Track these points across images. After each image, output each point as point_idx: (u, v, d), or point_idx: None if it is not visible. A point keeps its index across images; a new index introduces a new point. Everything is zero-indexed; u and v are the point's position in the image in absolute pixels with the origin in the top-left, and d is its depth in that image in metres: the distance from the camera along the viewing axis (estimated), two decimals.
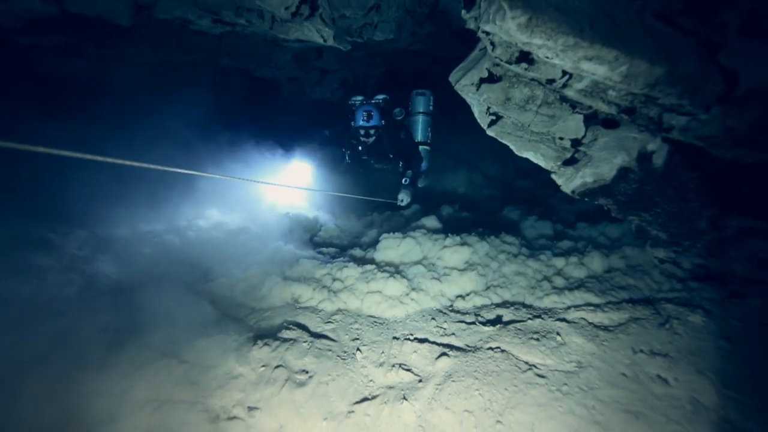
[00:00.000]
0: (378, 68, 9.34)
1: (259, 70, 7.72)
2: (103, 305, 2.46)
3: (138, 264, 2.97)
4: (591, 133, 3.07)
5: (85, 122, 4.83)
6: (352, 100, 5.12)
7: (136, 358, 2.14)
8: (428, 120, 5.42)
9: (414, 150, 5.02)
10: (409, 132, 5.18)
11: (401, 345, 2.41)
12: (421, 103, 5.38)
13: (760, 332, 2.44)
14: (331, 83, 9.23)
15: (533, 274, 3.07)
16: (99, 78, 6.29)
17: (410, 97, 5.47)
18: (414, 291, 2.88)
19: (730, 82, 2.48)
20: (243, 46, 6.63)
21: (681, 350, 2.30)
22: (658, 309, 2.65)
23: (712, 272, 3.09)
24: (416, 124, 5.37)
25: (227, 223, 4.19)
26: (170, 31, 5.43)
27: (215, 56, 7.11)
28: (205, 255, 3.27)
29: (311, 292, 2.83)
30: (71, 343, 2.15)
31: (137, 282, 2.70)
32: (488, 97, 3.23)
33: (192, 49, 6.58)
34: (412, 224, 4.19)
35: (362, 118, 4.62)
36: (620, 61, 2.35)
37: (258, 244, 3.54)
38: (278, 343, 2.32)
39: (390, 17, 4.82)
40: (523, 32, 2.37)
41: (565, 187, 3.14)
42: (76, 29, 4.71)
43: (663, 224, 3.04)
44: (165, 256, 3.19)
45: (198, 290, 2.89)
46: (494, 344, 2.39)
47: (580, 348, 2.35)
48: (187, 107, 6.11)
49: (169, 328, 2.35)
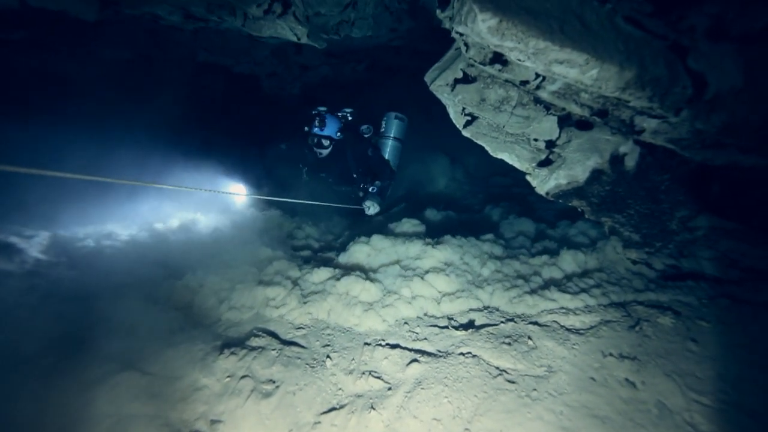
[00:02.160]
0: (359, 63, 9.26)
1: (237, 66, 7.57)
2: (60, 312, 2.36)
3: (99, 268, 2.85)
4: (565, 135, 3.07)
5: (50, 120, 4.65)
6: (316, 110, 4.59)
7: (95, 371, 2.06)
8: (399, 147, 4.95)
9: (384, 166, 4.61)
10: (378, 150, 4.73)
11: (372, 351, 2.38)
12: (396, 127, 4.90)
13: (727, 332, 2.47)
14: (312, 78, 9.13)
15: (509, 278, 3.06)
16: (69, 74, 6.09)
17: (385, 117, 4.98)
18: (388, 295, 2.85)
19: (699, 86, 2.49)
20: (219, 41, 6.48)
21: (649, 353, 2.32)
22: (629, 311, 2.67)
23: (684, 272, 3.13)
24: (385, 149, 4.88)
25: (198, 223, 4.09)
26: (142, 27, 5.28)
27: (192, 52, 6.95)
28: (174, 257, 3.17)
29: (284, 296, 2.78)
30: (21, 356, 2.05)
31: (98, 287, 2.60)
32: (463, 98, 3.20)
33: (166, 44, 6.41)
34: (391, 225, 4.15)
35: (315, 125, 4.21)
36: (591, 64, 2.34)
37: (230, 245, 3.44)
38: (246, 352, 2.26)
39: (367, 14, 4.75)
40: (494, 35, 2.34)
41: (539, 189, 3.14)
42: (40, 24, 4.53)
43: (635, 225, 3.07)
44: (128, 258, 3.07)
45: (164, 295, 2.80)
46: (466, 349, 2.38)
47: (551, 352, 2.35)
48: (161, 104, 5.95)
49: (133, 337, 2.27)
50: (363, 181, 4.48)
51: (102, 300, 2.48)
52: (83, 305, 2.46)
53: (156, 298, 2.69)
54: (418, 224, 4.09)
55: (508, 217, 4.63)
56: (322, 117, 4.15)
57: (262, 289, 2.78)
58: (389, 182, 4.46)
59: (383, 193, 4.35)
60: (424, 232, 3.95)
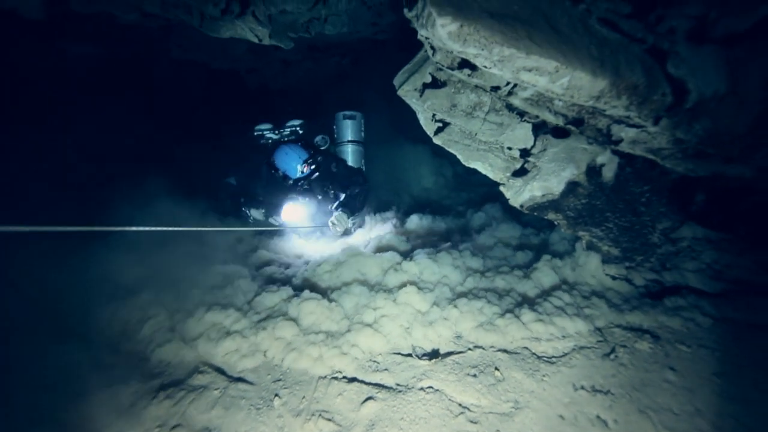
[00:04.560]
0: (344, 57, 8.98)
1: (214, 62, 7.28)
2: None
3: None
4: (540, 143, 2.88)
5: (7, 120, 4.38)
6: (258, 131, 3.99)
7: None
8: (360, 150, 4.35)
9: (356, 174, 4.02)
10: (341, 160, 4.14)
11: (327, 386, 2.21)
12: (349, 128, 4.29)
13: (708, 358, 2.32)
14: (295, 73, 8.86)
15: (481, 299, 2.86)
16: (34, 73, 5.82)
17: (336, 120, 4.36)
18: (351, 320, 2.67)
19: (680, 93, 2.30)
20: (192, 37, 6.20)
21: (624, 385, 2.16)
22: (606, 335, 2.51)
23: (666, 287, 2.97)
24: (344, 156, 4.29)
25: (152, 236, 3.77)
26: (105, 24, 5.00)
27: (165, 48, 6.66)
28: (110, 276, 2.89)
29: (238, 324, 2.58)
30: None
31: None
32: (432, 104, 3.00)
33: (135, 41, 6.13)
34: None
35: (300, 170, 3.60)
36: (561, 72, 2.14)
37: (186, 261, 3.17)
38: (183, 393, 2.07)
39: (340, 10, 4.50)
40: (454, 41, 2.13)
41: (513, 201, 2.96)
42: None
43: (614, 239, 2.89)
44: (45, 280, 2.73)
45: (94, 327, 2.57)
46: (427, 383, 2.21)
47: (519, 385, 2.19)
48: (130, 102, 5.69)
49: (46, 385, 2.02)
50: (337, 198, 3.92)
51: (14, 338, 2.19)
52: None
53: (82, 332, 2.46)
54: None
55: (492, 224, 4.43)
56: (308, 159, 3.60)
57: (213, 315, 2.57)
58: (360, 190, 3.84)
59: (352, 203, 3.72)
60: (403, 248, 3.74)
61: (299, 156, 3.64)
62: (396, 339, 2.51)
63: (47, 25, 4.32)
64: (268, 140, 3.97)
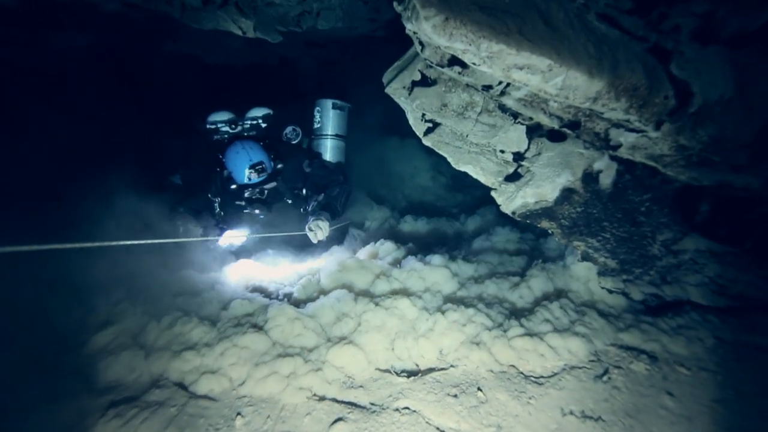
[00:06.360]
0: (344, 53, 8.82)
1: (208, 56, 7.12)
2: None
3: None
4: (535, 146, 2.71)
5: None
6: (212, 123, 3.32)
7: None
8: (342, 146, 3.74)
9: (334, 172, 3.49)
10: (316, 156, 3.57)
11: (295, 404, 2.05)
12: (335, 121, 3.68)
13: (708, 382, 2.15)
14: (294, 69, 8.71)
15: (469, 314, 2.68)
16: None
17: (318, 106, 3.74)
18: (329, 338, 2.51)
19: (684, 96, 2.13)
20: (184, 29, 6.04)
21: (617, 410, 2.00)
22: (599, 354, 2.34)
23: (666, 301, 2.80)
24: (322, 150, 3.67)
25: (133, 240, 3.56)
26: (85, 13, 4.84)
27: (157, 40, 6.50)
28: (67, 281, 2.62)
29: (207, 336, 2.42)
30: None
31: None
32: (422, 103, 2.83)
33: (123, 31, 5.97)
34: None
35: (247, 175, 3.10)
36: (554, 71, 1.98)
37: (160, 269, 2.99)
38: (136, 411, 1.91)
39: (334, 4, 4.32)
40: (440, 35, 1.96)
41: (505, 207, 2.79)
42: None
43: (611, 251, 2.72)
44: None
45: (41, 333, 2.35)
46: (404, 402, 2.05)
47: (503, 408, 2.02)
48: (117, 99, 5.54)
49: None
50: (308, 203, 3.39)
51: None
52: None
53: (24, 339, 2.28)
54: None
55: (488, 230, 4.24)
56: (258, 164, 3.08)
57: (182, 325, 2.42)
58: (341, 190, 3.35)
59: (333, 206, 3.24)
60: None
61: (249, 158, 3.12)
62: (375, 353, 2.35)
63: (25, 13, 4.17)
64: (223, 135, 3.35)
